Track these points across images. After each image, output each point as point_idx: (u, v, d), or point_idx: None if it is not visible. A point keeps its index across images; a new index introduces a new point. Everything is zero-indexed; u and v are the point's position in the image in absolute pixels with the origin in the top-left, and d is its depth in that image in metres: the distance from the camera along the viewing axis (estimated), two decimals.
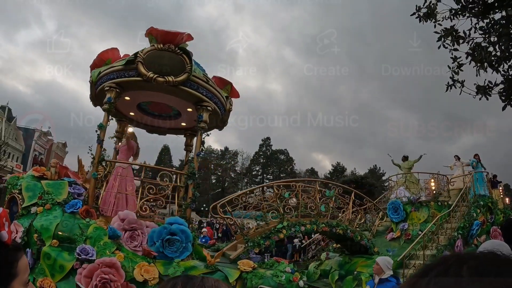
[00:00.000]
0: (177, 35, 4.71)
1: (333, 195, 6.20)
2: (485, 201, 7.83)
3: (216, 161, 40.80)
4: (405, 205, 7.80)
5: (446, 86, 3.88)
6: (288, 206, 5.71)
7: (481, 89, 3.58)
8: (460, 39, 3.72)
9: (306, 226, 5.89)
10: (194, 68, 4.82)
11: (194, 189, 4.83)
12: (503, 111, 3.50)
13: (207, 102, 5.06)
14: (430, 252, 6.35)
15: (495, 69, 3.54)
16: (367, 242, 6.54)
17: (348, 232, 6.35)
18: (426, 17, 3.86)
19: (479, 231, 7.32)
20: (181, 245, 4.38)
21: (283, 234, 5.68)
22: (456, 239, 6.79)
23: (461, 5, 3.68)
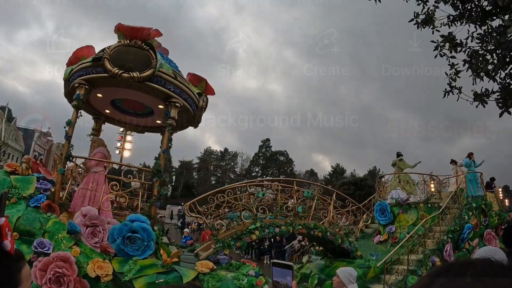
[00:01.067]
0: (143, 30, 4.82)
1: (311, 196, 6.13)
2: (478, 203, 7.46)
3: (215, 162, 41.57)
4: (392, 207, 7.56)
5: (443, 92, 3.99)
6: (262, 206, 5.69)
7: (478, 96, 3.69)
8: (457, 46, 3.82)
9: (281, 227, 5.81)
10: (161, 64, 4.91)
11: (160, 186, 4.87)
12: (500, 117, 3.59)
13: (175, 98, 5.13)
14: (416, 257, 6.07)
15: (492, 78, 3.66)
16: (349, 246, 6.36)
17: (328, 234, 6.21)
18: (424, 23, 3.99)
19: (472, 235, 6.98)
20: (143, 243, 4.40)
21: (256, 236, 5.64)
22: (445, 243, 6.47)
23: (459, 11, 3.79)
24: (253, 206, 5.52)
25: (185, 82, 5.19)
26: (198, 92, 5.59)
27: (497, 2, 3.13)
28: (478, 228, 7.28)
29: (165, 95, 4.95)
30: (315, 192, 6.05)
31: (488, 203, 7.83)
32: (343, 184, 28.16)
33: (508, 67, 3.60)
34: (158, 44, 6.04)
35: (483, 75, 3.69)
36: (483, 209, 7.59)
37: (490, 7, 3.47)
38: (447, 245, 6.55)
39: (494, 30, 3.60)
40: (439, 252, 6.49)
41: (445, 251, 6.46)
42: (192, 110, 5.55)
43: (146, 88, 4.79)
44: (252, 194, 5.48)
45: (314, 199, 6.05)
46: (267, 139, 41.54)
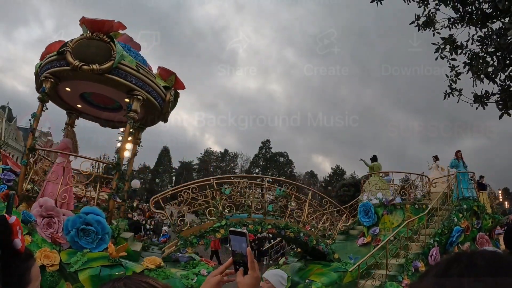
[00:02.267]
0: (105, 23, 5.00)
1: (282, 194, 6.05)
2: (470, 205, 7.08)
3: (215, 163, 42.36)
4: (376, 208, 7.29)
5: (444, 94, 4.09)
6: (229, 204, 5.68)
7: (478, 98, 3.79)
8: (458, 49, 3.91)
9: (248, 226, 5.78)
10: (122, 56, 5.06)
11: (118, 180, 4.99)
12: (500, 119, 3.67)
13: (138, 91, 5.22)
14: (397, 261, 5.71)
15: (492, 80, 3.75)
16: (325, 248, 6.17)
17: (301, 235, 6.07)
18: (425, 26, 4.10)
19: (462, 238, 6.60)
20: (97, 236, 4.48)
21: (221, 234, 5.62)
22: (431, 247, 6.11)
23: (459, 14, 3.87)
24: (219, 203, 5.53)
25: (149, 75, 5.30)
26: (164, 86, 5.69)
27: (498, 5, 3.19)
28: (470, 231, 6.89)
29: (128, 88, 5.06)
30: (288, 190, 5.98)
31: (481, 205, 7.40)
32: (343, 186, 27.75)
33: (508, 70, 3.69)
34: (129, 38, 6.25)
35: (483, 77, 3.78)
36: (475, 211, 7.18)
37: (491, 10, 3.58)
38: (433, 249, 6.18)
39: (495, 32, 3.67)
40: (424, 256, 6.13)
41: (430, 255, 6.07)
42: (158, 104, 5.68)
43: (107, 80, 4.93)
44: (219, 190, 5.50)
45: (287, 198, 5.98)
46: (267, 140, 42.29)
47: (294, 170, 41.61)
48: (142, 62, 5.44)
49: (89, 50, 4.74)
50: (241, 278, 0.81)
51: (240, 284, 0.80)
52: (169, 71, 5.87)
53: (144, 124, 6.54)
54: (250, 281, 0.80)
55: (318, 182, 42.58)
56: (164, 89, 5.61)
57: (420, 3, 4.12)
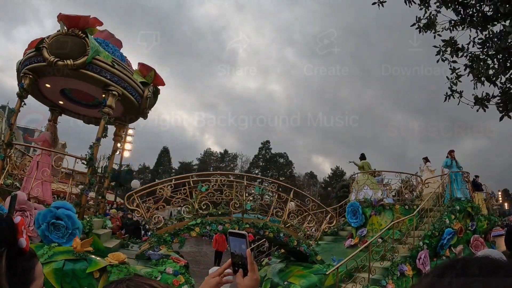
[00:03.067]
0: (80, 19, 5.14)
1: (262, 192, 6.03)
2: (463, 206, 6.83)
3: (215, 164, 43.17)
4: (364, 208, 7.14)
5: (444, 96, 4.22)
6: (205, 202, 5.71)
7: (478, 101, 3.88)
8: (459, 51, 4.02)
9: (224, 225, 5.79)
10: (97, 51, 5.19)
11: (91, 175, 5.11)
12: (500, 121, 3.77)
13: (113, 86, 5.33)
14: (381, 264, 5.53)
15: (493, 83, 3.85)
16: (306, 249, 6.10)
17: (281, 236, 6.03)
18: (426, 28, 4.22)
19: (455, 241, 6.37)
20: (67, 231, 4.57)
21: (196, 233, 5.66)
22: (419, 249, 5.90)
23: (460, 16, 3.97)
24: (195, 201, 5.58)
25: (126, 71, 5.42)
26: (142, 82, 5.81)
27: (499, 9, 3.26)
28: (463, 234, 6.66)
29: (103, 83, 5.18)
30: (268, 188, 5.96)
31: (475, 206, 7.14)
32: (342, 187, 27.70)
33: (509, 72, 3.77)
34: (110, 35, 6.41)
35: (484, 80, 3.86)
36: (470, 212, 6.94)
37: (492, 12, 3.53)
38: (422, 252, 5.94)
39: (495, 35, 3.73)
40: (412, 259, 5.94)
41: (418, 259, 5.85)
42: (136, 100, 5.80)
43: (82, 76, 5.06)
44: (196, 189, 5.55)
45: (273, 196, 5.97)
46: (267, 141, 43.24)
47: (294, 171, 42.22)
48: (120, 58, 5.57)
49: (64, 46, 4.90)
50: (240, 280, 0.81)
51: (240, 286, 0.80)
52: (149, 67, 5.98)
53: (125, 121, 6.69)
54: (250, 283, 0.80)
55: (318, 183, 42.74)
56: (142, 85, 5.73)
57: (421, 5, 4.23)
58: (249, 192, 5.87)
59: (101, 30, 6.02)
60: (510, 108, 3.76)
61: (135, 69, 5.96)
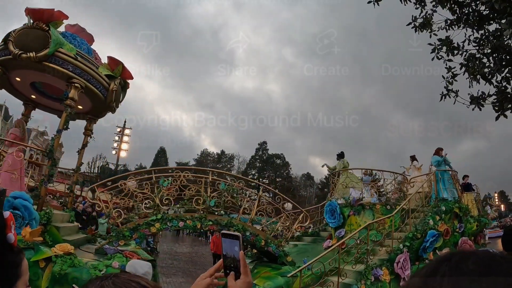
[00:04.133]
0: (44, 12, 5.45)
1: (228, 189, 6.06)
2: (449, 206, 6.59)
3: (212, 164, 44.38)
4: (343, 208, 7.01)
5: (440, 95, 4.35)
6: (167, 197, 5.81)
7: (474, 100, 3.98)
8: (454, 50, 4.15)
9: (186, 221, 5.86)
10: (60, 44, 5.44)
11: (51, 167, 5.35)
12: (496, 121, 3.85)
13: (76, 78, 5.61)
14: (353, 268, 5.35)
15: (488, 81, 3.94)
16: (275, 249, 6.05)
17: (247, 235, 6.06)
18: (422, 27, 4.41)
19: (440, 243, 6.15)
20: (24, 221, 4.78)
21: (156, 228, 5.76)
22: (398, 252, 5.70)
23: (456, 16, 4.11)
24: (157, 196, 5.70)
25: (89, 64, 5.65)
26: (108, 75, 6.03)
27: (494, 6, 3.33)
28: (450, 236, 6.44)
29: (67, 75, 5.46)
30: (235, 184, 6.00)
31: (463, 207, 6.88)
32: None
33: (504, 71, 3.85)
34: (81, 29, 6.70)
35: (479, 78, 3.97)
36: (457, 213, 6.70)
37: (487, 11, 3.71)
38: (400, 256, 5.68)
39: (491, 34, 3.84)
40: (390, 263, 5.74)
41: (396, 262, 5.65)
42: (101, 93, 6.03)
43: (46, 68, 5.31)
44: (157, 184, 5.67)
45: (235, 193, 6.00)
46: (264, 142, 44.38)
47: (291, 172, 43.07)
48: (87, 52, 5.82)
49: (28, 39, 5.17)
50: (232, 283, 0.80)
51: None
52: (117, 60, 6.21)
53: (95, 115, 6.94)
54: (243, 285, 0.79)
55: (315, 184, 42.87)
56: (108, 78, 5.96)
57: (417, 4, 4.40)
58: (215, 188, 5.93)
59: (72, 25, 6.32)
60: (506, 107, 3.84)
61: (104, 63, 6.21)
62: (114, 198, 6.14)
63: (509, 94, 3.91)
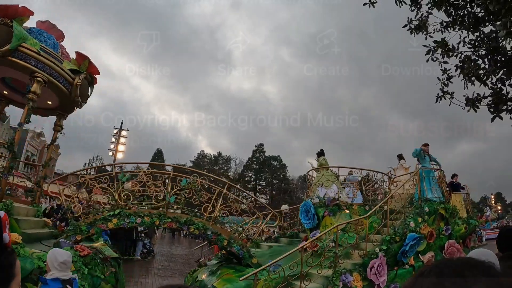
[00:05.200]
0: (9, 8, 5.83)
1: (189, 185, 6.16)
2: (433, 207, 6.35)
3: (209, 166, 45.81)
4: (318, 208, 6.90)
5: (436, 97, 4.55)
6: (126, 193, 5.97)
7: (469, 101, 4.16)
8: (450, 52, 4.35)
9: (144, 218, 5.99)
10: (23, 39, 5.78)
11: (11, 159, 5.65)
12: (491, 122, 4.00)
13: (38, 73, 5.94)
14: (319, 273, 5.22)
15: (483, 82, 4.13)
16: (239, 250, 6.06)
17: (209, 233, 6.11)
18: (418, 29, 4.61)
19: (424, 247, 5.93)
20: None
21: (113, 224, 5.92)
22: (373, 257, 5.53)
23: (452, 18, 4.30)
24: (116, 191, 5.88)
25: (53, 59, 5.98)
26: (72, 69, 6.34)
27: (488, 7, 3.41)
28: (434, 239, 6.21)
29: (30, 70, 5.80)
30: (198, 181, 6.10)
31: (450, 208, 6.62)
32: None
33: (499, 72, 4.04)
34: (51, 25, 7.09)
35: (474, 80, 4.14)
36: (443, 215, 6.46)
37: (483, 13, 3.78)
38: (375, 261, 5.48)
39: (486, 35, 4.00)
40: (363, 268, 5.61)
41: (370, 267, 5.49)
42: (65, 87, 6.34)
43: (9, 63, 5.69)
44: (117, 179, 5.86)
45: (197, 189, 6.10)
46: (261, 144, 45.96)
47: (288, 174, 44.27)
48: (53, 47, 6.16)
49: None
50: None
51: None
52: (83, 55, 6.52)
53: (64, 111, 7.27)
54: None
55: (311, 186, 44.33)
56: (72, 73, 6.27)
57: (412, 6, 4.59)
58: (177, 185, 6.06)
59: (43, 21, 6.71)
60: (501, 109, 3.97)
61: (72, 58, 6.54)
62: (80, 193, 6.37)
63: (504, 95, 4.04)
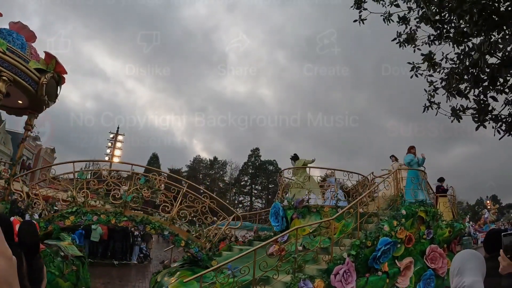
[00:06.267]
0: None
1: (148, 184, 6.35)
2: (411, 210, 6.17)
3: (204, 171, 47.19)
4: (286, 210, 6.83)
5: (423, 107, 4.98)
6: (84, 191, 6.22)
7: (455, 112, 4.56)
8: (435, 66, 4.80)
9: (100, 216, 6.21)
10: None
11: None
12: (476, 131, 4.40)
13: (4, 72, 6.39)
14: (275, 278, 5.18)
15: (464, 96, 4.55)
16: (197, 252, 6.14)
17: (166, 234, 6.25)
18: (406, 42, 5.12)
19: (401, 252, 5.77)
20: None
21: (70, 221, 6.16)
22: (339, 262, 5.39)
23: (438, 32, 4.79)
24: (74, 188, 6.17)
25: (18, 58, 6.44)
26: (38, 69, 6.78)
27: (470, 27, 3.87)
28: (414, 244, 6.05)
29: None
30: (157, 179, 6.30)
31: (431, 211, 6.42)
32: None
33: (479, 86, 4.41)
34: (22, 26, 7.64)
35: (455, 94, 4.55)
36: (423, 218, 6.29)
37: (468, 28, 4.13)
38: (340, 267, 5.33)
39: (471, 49, 4.34)
40: (327, 275, 5.42)
41: (334, 274, 5.35)
42: (31, 86, 6.76)
43: None
44: None
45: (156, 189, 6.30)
46: (257, 148, 47.15)
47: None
48: (20, 47, 6.64)
49: None
50: None
51: None
52: (51, 55, 6.96)
53: (35, 110, 7.72)
54: None
55: None
56: (38, 72, 6.70)
57: (400, 22, 5.14)
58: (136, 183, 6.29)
59: (15, 22, 7.25)
60: (483, 119, 4.39)
61: (41, 58, 7.00)
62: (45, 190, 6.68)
63: (487, 106, 4.42)
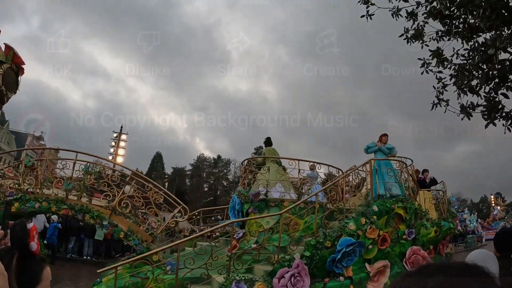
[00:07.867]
0: None
1: (93, 173, 6.64)
2: (385, 206, 5.62)
3: (208, 170, 48.82)
4: (243, 204, 6.58)
5: (431, 104, 5.05)
6: (30, 178, 6.67)
7: (464, 109, 4.63)
8: (444, 62, 4.88)
9: (42, 203, 6.60)
10: None
11: None
12: (485, 128, 4.45)
13: None
14: (203, 276, 5.06)
15: (476, 93, 4.63)
16: (138, 245, 6.24)
17: (105, 223, 6.44)
18: (414, 38, 5.22)
19: (373, 254, 5.36)
20: None
21: (15, 208, 6.65)
22: (286, 264, 5.02)
23: (447, 27, 4.87)
24: (20, 175, 6.65)
25: None
26: None
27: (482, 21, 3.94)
28: (389, 245, 5.58)
29: None
30: (102, 166, 6.58)
31: (412, 207, 5.85)
32: None
33: (491, 83, 4.47)
34: None
35: (467, 91, 4.64)
36: (402, 216, 5.75)
37: (477, 24, 4.25)
38: (285, 270, 4.94)
39: (480, 46, 4.44)
40: (270, 278, 5.00)
41: (278, 278, 4.92)
42: None
43: None
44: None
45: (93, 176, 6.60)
46: (260, 147, 46.07)
47: None
48: None
49: None
50: None
51: None
52: (9, 47, 7.63)
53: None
54: None
55: None
56: None
57: (408, 17, 5.17)
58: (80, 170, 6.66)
59: None
60: (494, 116, 4.42)
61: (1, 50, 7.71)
62: None
63: (498, 103, 4.44)
